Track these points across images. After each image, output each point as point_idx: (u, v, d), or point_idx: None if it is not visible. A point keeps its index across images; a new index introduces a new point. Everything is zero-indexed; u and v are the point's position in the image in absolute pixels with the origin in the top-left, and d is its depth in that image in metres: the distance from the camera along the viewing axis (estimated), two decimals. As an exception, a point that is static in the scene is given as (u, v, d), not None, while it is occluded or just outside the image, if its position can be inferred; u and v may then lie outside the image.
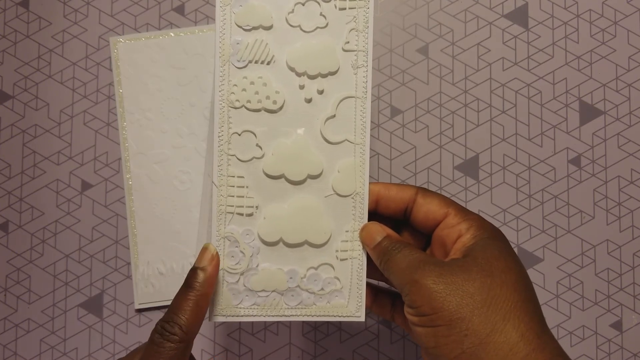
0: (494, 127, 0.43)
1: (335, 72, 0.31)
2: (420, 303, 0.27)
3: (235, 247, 0.31)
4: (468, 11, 0.43)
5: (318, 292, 0.31)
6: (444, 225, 0.31)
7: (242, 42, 0.31)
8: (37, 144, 0.43)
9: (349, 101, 0.31)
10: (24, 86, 0.44)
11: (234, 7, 0.31)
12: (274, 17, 0.31)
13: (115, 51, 0.43)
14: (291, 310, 0.31)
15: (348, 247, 0.32)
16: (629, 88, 0.42)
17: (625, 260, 0.42)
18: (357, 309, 0.32)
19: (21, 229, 0.43)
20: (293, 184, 0.31)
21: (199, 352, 0.42)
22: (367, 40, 0.31)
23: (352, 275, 0.32)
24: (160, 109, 0.42)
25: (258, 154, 0.31)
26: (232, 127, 0.31)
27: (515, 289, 0.27)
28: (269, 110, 0.31)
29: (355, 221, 0.31)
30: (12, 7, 0.44)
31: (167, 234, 0.42)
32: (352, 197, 0.31)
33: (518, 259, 0.29)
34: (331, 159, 0.31)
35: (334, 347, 0.42)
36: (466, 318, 0.26)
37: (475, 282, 0.27)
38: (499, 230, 0.30)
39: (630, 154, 0.42)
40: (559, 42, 0.43)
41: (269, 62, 0.31)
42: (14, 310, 0.43)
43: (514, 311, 0.26)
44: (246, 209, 0.31)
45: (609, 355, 0.42)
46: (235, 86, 0.31)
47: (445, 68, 0.43)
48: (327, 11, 0.31)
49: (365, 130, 0.31)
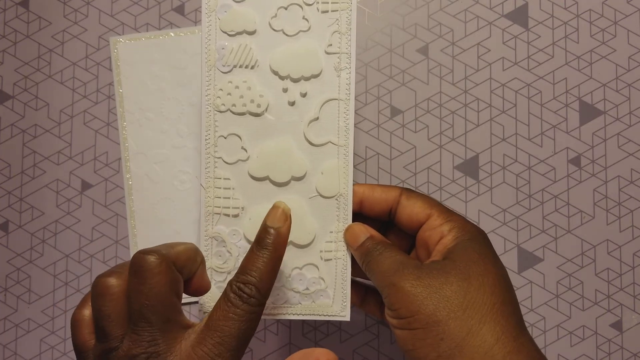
0: (494, 127, 0.43)
1: (318, 74, 0.31)
2: (398, 306, 0.27)
3: (223, 246, 0.32)
4: (468, 11, 0.43)
5: (303, 292, 0.32)
6: (427, 227, 0.31)
7: (227, 48, 0.31)
8: (37, 144, 0.43)
9: (332, 103, 0.32)
10: (24, 86, 0.44)
11: (219, 13, 0.31)
12: (257, 22, 0.31)
13: (115, 51, 0.43)
14: (277, 309, 0.32)
15: (332, 247, 0.32)
16: (629, 88, 0.42)
17: (625, 260, 0.42)
18: (342, 308, 0.32)
19: (21, 229, 0.43)
20: (277, 185, 0.32)
21: (199, 352, 0.42)
22: (349, 42, 0.31)
23: (337, 276, 0.32)
24: (160, 109, 0.42)
25: (243, 157, 0.32)
26: (218, 131, 0.32)
27: (492, 292, 0.27)
28: (253, 113, 0.32)
29: (339, 222, 0.32)
30: (12, 7, 0.44)
31: (167, 234, 0.42)
32: (336, 199, 0.32)
33: (498, 260, 0.29)
34: (315, 160, 0.32)
35: (334, 347, 0.42)
36: (442, 321, 0.26)
37: (452, 286, 0.27)
38: (481, 232, 0.30)
39: (630, 154, 0.42)
40: (559, 42, 0.43)
41: (253, 66, 0.32)
42: (14, 310, 0.43)
43: (490, 314, 0.26)
44: (232, 209, 0.32)
45: (609, 355, 0.42)
46: (220, 90, 0.32)
47: (445, 68, 0.43)
48: (309, 14, 0.31)
49: (348, 132, 0.32)
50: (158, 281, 0.24)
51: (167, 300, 0.24)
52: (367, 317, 0.42)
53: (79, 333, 0.25)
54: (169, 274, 0.25)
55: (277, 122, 0.32)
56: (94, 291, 0.25)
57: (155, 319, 0.24)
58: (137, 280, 0.24)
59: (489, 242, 0.30)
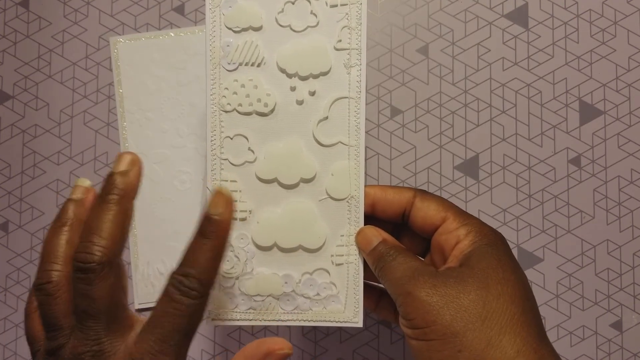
0: (494, 127, 0.43)
1: (327, 72, 0.30)
2: (413, 315, 0.26)
3: (230, 251, 0.31)
4: (468, 11, 0.43)
5: (314, 297, 0.31)
6: (443, 230, 0.29)
7: (232, 45, 0.30)
8: (37, 144, 0.43)
9: (342, 102, 0.30)
10: (24, 86, 0.44)
11: (224, 8, 0.30)
12: (263, 18, 0.30)
13: (115, 51, 0.43)
14: (287, 315, 0.31)
15: (344, 251, 0.31)
16: (629, 88, 0.42)
17: (625, 260, 0.42)
18: (355, 314, 0.31)
19: (21, 229, 0.43)
20: (286, 187, 0.31)
21: (199, 352, 0.42)
22: (360, 37, 0.30)
23: (349, 281, 0.31)
24: (160, 109, 0.42)
25: (250, 158, 0.31)
26: (224, 131, 0.31)
27: (512, 301, 0.26)
28: (260, 113, 0.31)
29: (350, 225, 0.31)
30: (12, 7, 0.44)
31: (167, 234, 0.42)
32: (347, 201, 0.31)
33: (518, 266, 0.28)
34: (325, 161, 0.31)
35: (334, 347, 0.42)
36: (460, 333, 0.25)
37: (470, 295, 0.26)
38: (499, 235, 0.29)
39: (630, 154, 0.42)
40: (559, 42, 0.43)
41: (259, 64, 0.30)
42: (14, 310, 0.43)
43: (510, 325, 0.25)
44: (240, 213, 0.31)
45: (609, 355, 0.42)
46: (226, 89, 0.30)
47: (445, 68, 0.43)
48: (317, 9, 0.30)
49: (359, 131, 0.30)
50: (102, 283, 0.24)
51: (113, 299, 0.25)
52: (367, 317, 0.42)
53: (31, 326, 0.26)
54: (113, 271, 0.25)
55: (285, 122, 0.30)
56: (37, 289, 0.25)
57: (101, 318, 0.24)
58: (82, 280, 0.24)
59: (508, 246, 0.28)
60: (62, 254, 0.26)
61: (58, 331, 0.25)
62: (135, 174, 0.26)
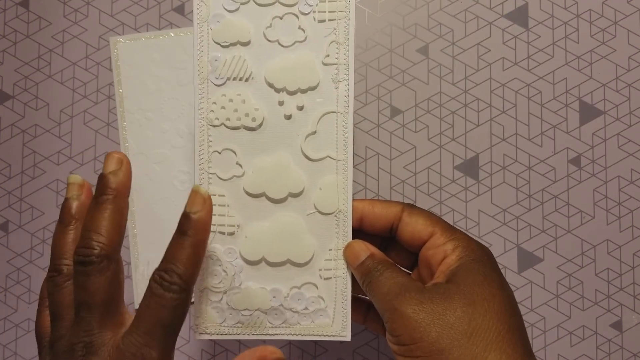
0: (494, 127, 0.43)
1: (315, 87, 0.30)
2: (400, 332, 0.27)
3: (218, 265, 0.31)
4: (468, 11, 0.43)
5: (302, 311, 0.31)
6: (430, 245, 0.30)
7: (220, 59, 0.30)
8: (37, 144, 0.43)
9: (330, 116, 0.31)
10: (24, 86, 0.44)
11: (211, 23, 0.30)
12: (251, 33, 0.30)
13: (115, 51, 0.43)
14: (275, 329, 0.31)
15: (332, 265, 0.31)
16: (629, 88, 0.42)
17: (625, 260, 0.42)
18: (343, 328, 0.31)
19: (21, 229, 0.43)
20: (274, 202, 0.31)
21: (199, 351, 0.42)
22: (348, 52, 0.30)
23: (337, 295, 0.31)
24: (160, 109, 0.42)
25: (238, 172, 0.31)
26: (212, 146, 0.31)
27: (498, 319, 0.26)
28: (248, 127, 0.31)
29: (338, 239, 0.31)
30: (12, 7, 0.44)
31: (167, 234, 0.42)
32: (335, 215, 0.31)
33: (504, 282, 0.28)
34: (313, 176, 0.31)
35: (334, 347, 0.42)
36: (446, 350, 0.25)
37: (456, 312, 0.26)
38: (486, 250, 0.29)
39: (630, 154, 0.42)
40: (559, 42, 0.43)
41: (247, 78, 0.30)
42: (14, 310, 0.43)
43: (496, 342, 0.25)
44: (227, 227, 0.31)
45: (609, 355, 0.42)
46: (214, 104, 0.30)
47: (445, 68, 0.43)
48: (305, 24, 0.30)
49: (347, 146, 0.30)
50: (100, 277, 0.25)
51: (108, 293, 0.26)
52: (367, 317, 0.42)
53: (40, 322, 0.28)
54: (111, 266, 0.26)
55: (273, 137, 0.31)
56: (47, 281, 0.27)
57: (95, 310, 0.25)
58: (82, 273, 0.25)
59: (495, 262, 0.29)
60: (70, 250, 0.27)
61: (60, 321, 0.26)
62: (125, 172, 0.27)
